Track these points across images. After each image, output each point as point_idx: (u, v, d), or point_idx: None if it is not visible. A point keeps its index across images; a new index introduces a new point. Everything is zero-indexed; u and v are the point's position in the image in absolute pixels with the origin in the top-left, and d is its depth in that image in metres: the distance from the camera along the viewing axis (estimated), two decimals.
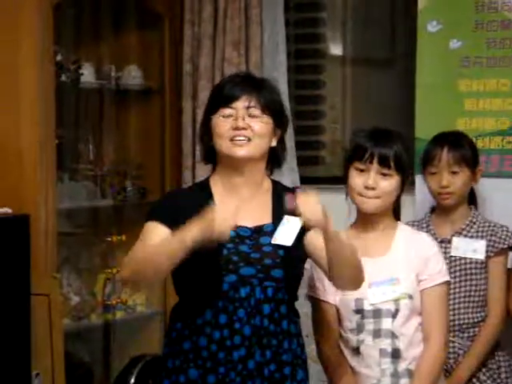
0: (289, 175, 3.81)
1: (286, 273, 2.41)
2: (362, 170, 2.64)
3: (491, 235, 3.07)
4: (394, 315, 2.62)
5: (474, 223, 3.10)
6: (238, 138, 2.41)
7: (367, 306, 2.62)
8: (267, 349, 2.39)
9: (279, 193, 2.50)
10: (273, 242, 2.42)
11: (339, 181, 3.98)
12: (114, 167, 3.81)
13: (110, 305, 3.70)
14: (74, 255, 3.77)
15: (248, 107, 2.42)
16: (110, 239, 3.80)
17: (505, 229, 3.09)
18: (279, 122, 2.48)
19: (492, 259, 3.04)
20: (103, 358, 3.84)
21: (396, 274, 2.63)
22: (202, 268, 2.37)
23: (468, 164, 3.11)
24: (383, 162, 2.61)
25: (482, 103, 3.55)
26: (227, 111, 2.43)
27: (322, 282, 2.66)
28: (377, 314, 2.62)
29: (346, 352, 2.67)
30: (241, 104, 2.42)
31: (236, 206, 2.26)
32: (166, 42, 3.86)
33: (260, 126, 2.42)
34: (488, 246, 3.05)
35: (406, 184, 2.70)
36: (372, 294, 2.62)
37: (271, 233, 2.43)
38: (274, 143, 2.48)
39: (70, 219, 3.75)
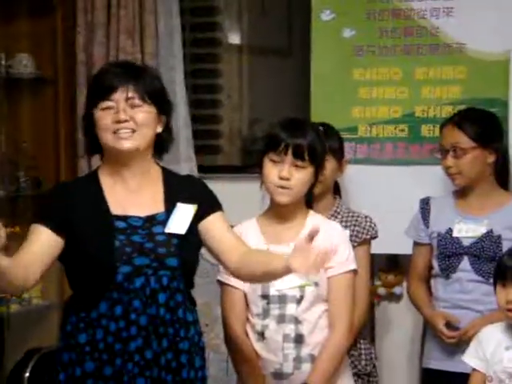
0: (186, 164, 3.80)
1: (180, 261, 2.41)
2: (276, 161, 2.66)
3: (355, 225, 3.14)
4: (299, 301, 2.65)
5: (338, 213, 3.16)
6: (121, 131, 2.38)
7: (273, 292, 2.66)
8: (164, 338, 2.38)
9: (171, 180, 2.50)
10: (166, 231, 2.41)
11: (238, 170, 3.99)
12: (6, 157, 3.73)
13: (3, 298, 3.62)
14: None
15: (128, 98, 2.39)
16: None
17: (368, 219, 3.16)
18: (162, 108, 2.46)
19: (356, 248, 3.11)
20: None
21: None
22: (95, 261, 2.35)
23: (335, 155, 3.16)
24: (297, 155, 2.64)
25: (375, 92, 3.60)
26: (107, 104, 2.39)
27: None
28: (282, 299, 2.66)
29: (252, 337, 2.70)
30: (120, 96, 2.38)
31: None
32: (58, 31, 3.77)
33: (142, 115, 2.40)
34: (352, 235, 3.11)
35: (320, 174, 2.73)
36: (279, 280, 2.62)
37: (164, 222, 2.42)
38: (159, 130, 2.46)
39: None
